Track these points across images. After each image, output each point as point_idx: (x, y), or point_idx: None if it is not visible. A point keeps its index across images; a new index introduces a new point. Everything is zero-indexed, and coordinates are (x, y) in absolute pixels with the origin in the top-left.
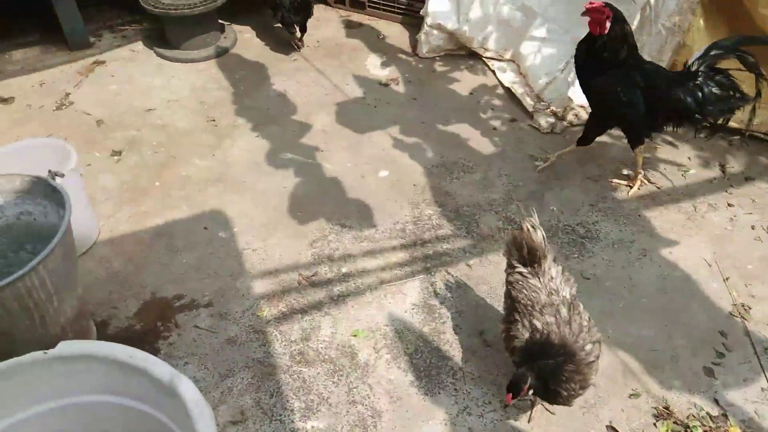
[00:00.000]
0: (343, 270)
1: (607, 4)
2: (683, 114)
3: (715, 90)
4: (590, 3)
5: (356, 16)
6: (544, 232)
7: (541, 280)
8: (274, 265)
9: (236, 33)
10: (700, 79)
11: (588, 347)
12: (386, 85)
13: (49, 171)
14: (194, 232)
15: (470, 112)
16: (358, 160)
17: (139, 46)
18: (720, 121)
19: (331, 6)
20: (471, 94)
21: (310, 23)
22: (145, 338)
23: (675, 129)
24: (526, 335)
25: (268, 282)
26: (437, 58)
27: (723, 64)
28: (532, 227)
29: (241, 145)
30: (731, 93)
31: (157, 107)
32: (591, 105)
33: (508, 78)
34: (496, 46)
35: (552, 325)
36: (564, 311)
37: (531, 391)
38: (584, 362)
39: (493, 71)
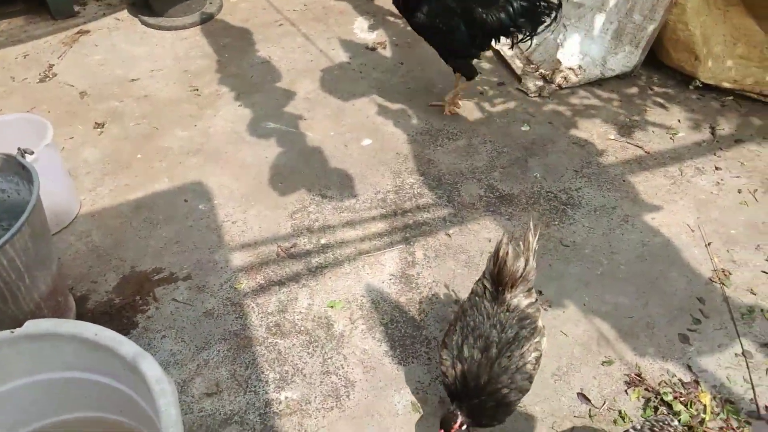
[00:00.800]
0: (322, 241)
1: None
2: (500, 30)
3: (523, 3)
4: None
5: None
6: (528, 264)
7: (495, 308)
8: (254, 237)
9: None
10: None
11: (504, 390)
12: (373, 49)
13: (19, 148)
14: (174, 205)
15: None
16: (341, 129)
17: (123, 14)
18: (534, 32)
19: None
20: None
21: None
22: (123, 312)
23: (496, 43)
24: (455, 353)
25: (247, 254)
26: None
27: None
28: (515, 254)
29: (223, 114)
30: (538, 4)
31: (141, 77)
32: (426, 40)
33: None
34: None
35: (474, 364)
36: (494, 352)
37: (464, 426)
38: (503, 401)
39: None
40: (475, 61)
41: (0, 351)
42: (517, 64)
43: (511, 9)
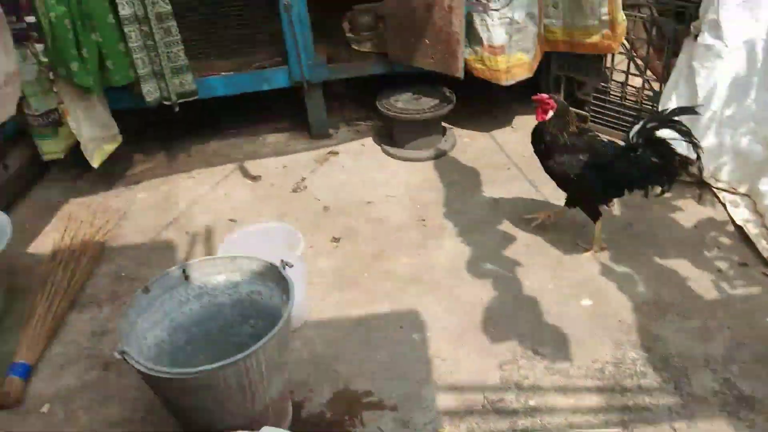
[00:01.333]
0: (531, 402)
1: (552, 97)
2: (631, 183)
3: (654, 159)
4: (539, 95)
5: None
6: None
7: None
8: (461, 380)
9: (456, 137)
10: (640, 150)
11: None
12: None
13: (282, 260)
14: (390, 329)
15: (693, 247)
16: (560, 282)
17: (368, 141)
18: (669, 186)
19: None
20: (695, 227)
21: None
22: (332, 429)
23: (629, 193)
24: None
25: (452, 397)
26: None
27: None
28: None
29: (445, 248)
30: (670, 159)
31: (376, 201)
32: (557, 184)
33: (741, 215)
34: (730, 177)
35: None
36: None
37: None
38: None
39: (724, 204)
40: (713, 233)
41: None
42: (763, 245)
43: (643, 165)
